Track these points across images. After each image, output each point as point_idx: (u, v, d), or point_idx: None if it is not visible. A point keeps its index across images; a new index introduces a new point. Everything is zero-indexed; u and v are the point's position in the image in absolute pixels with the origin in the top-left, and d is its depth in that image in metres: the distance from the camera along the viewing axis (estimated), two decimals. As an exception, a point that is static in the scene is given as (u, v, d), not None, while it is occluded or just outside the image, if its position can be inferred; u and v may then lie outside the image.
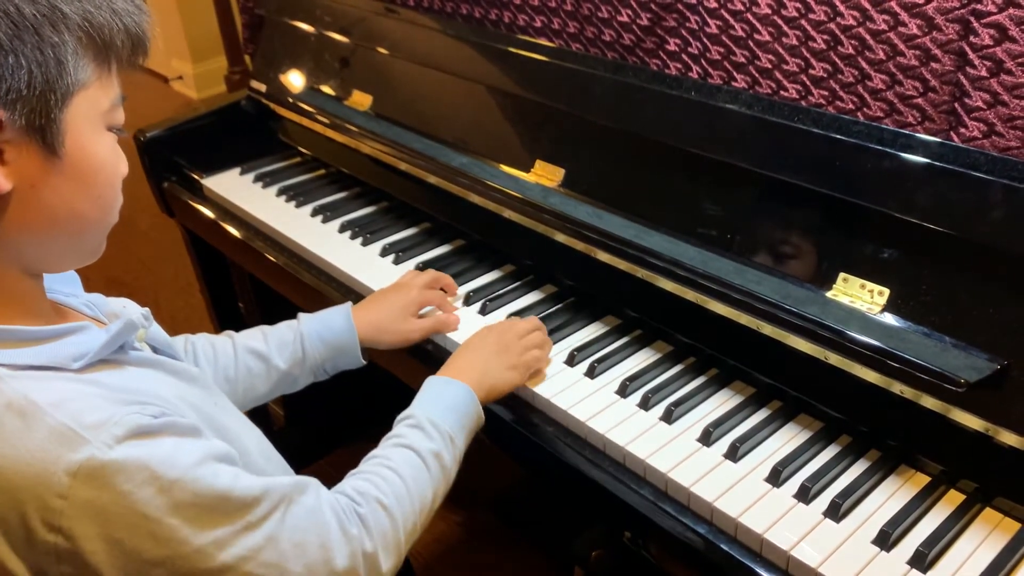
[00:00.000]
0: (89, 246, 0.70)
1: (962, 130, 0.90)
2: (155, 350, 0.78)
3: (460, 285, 1.19)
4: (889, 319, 0.84)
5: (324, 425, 1.84)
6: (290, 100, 1.52)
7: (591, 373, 1.01)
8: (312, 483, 0.74)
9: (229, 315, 1.76)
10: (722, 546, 0.82)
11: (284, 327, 1.03)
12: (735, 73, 1.07)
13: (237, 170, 1.54)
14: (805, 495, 0.84)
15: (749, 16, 1.02)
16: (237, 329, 1.04)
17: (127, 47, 0.66)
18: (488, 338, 1.00)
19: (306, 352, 1.01)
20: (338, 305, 1.06)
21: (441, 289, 1.14)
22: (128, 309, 0.79)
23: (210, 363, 0.98)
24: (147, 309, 0.78)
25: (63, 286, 0.75)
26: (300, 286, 1.29)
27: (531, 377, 1.00)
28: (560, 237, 1.10)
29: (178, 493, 0.63)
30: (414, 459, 0.82)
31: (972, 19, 0.85)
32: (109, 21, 0.64)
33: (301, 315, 1.05)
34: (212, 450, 0.67)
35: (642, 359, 1.03)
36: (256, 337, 1.02)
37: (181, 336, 0.99)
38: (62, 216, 0.65)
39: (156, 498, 0.62)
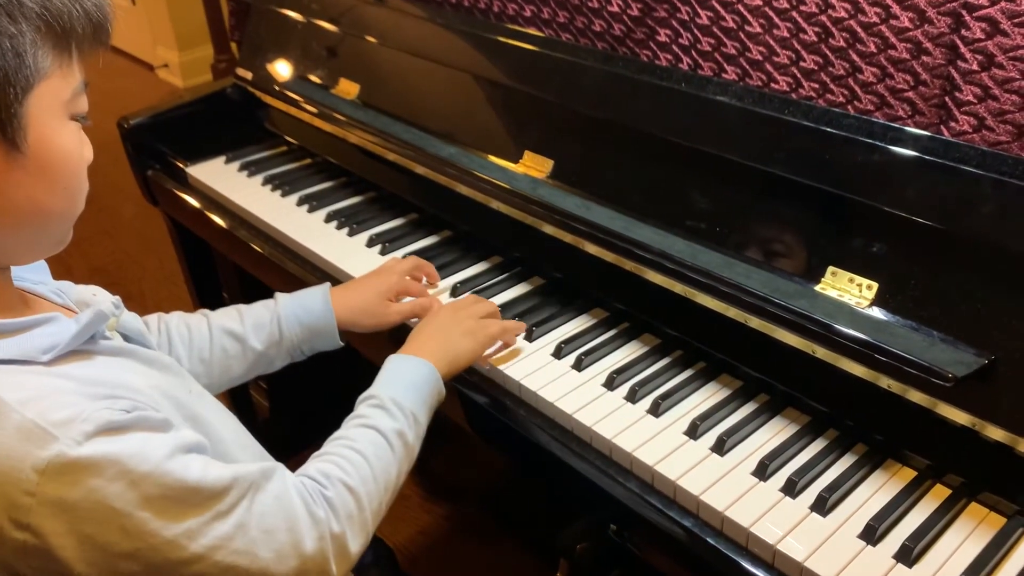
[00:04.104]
0: (55, 237, 0.69)
1: (952, 124, 0.89)
2: (126, 339, 0.77)
3: (447, 276, 1.18)
4: (877, 313, 0.84)
5: (308, 415, 1.83)
6: (276, 88, 1.50)
7: (578, 366, 1.00)
8: (278, 468, 0.74)
9: (214, 305, 1.73)
10: (708, 540, 0.82)
11: (261, 307, 1.02)
12: (725, 65, 1.06)
13: (222, 159, 1.53)
14: (792, 489, 0.83)
15: (740, 7, 1.02)
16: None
17: (88, 32, 0.64)
18: (447, 317, 1.00)
19: (283, 334, 1.00)
20: (316, 286, 1.05)
21: (423, 277, 1.14)
22: (98, 297, 0.77)
23: (184, 344, 0.97)
24: (118, 297, 0.77)
25: (31, 274, 0.74)
26: (285, 276, 1.28)
27: (518, 367, 1.00)
28: (548, 228, 1.09)
29: (148, 487, 0.62)
30: (378, 439, 0.82)
31: (964, 12, 0.84)
32: (68, 7, 0.61)
33: (278, 295, 1.04)
34: (182, 441, 0.66)
35: (629, 352, 1.03)
36: (232, 317, 1.00)
37: (154, 315, 0.98)
38: (27, 211, 0.63)
39: (126, 492, 0.61)
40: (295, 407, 1.80)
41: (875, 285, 0.84)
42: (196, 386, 0.82)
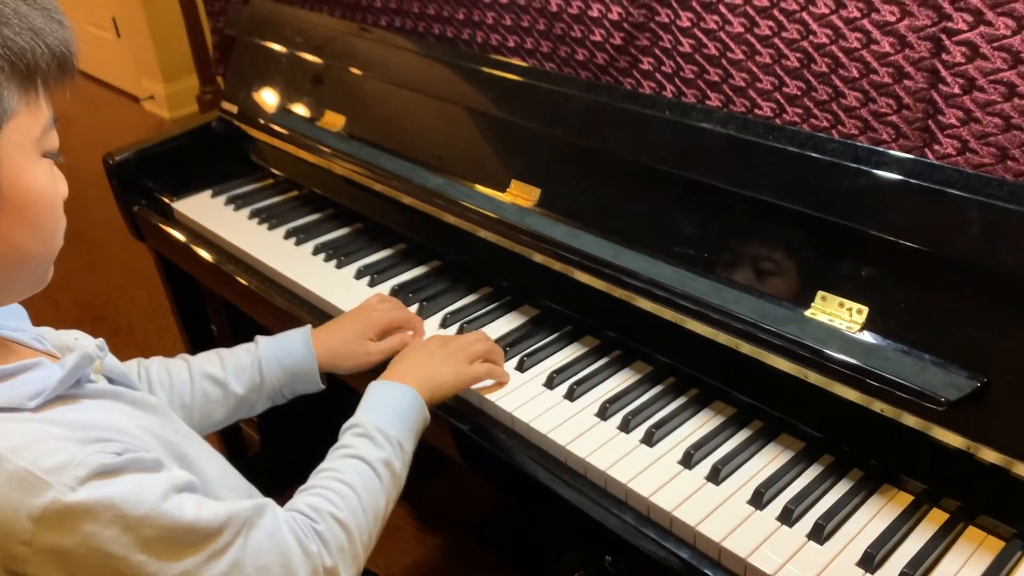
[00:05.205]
0: (35, 277, 0.68)
1: (936, 147, 0.90)
2: (111, 381, 0.76)
3: (437, 307, 1.18)
4: (868, 337, 0.84)
5: (299, 448, 1.81)
6: (262, 121, 1.50)
7: (570, 395, 0.99)
8: (269, 504, 0.73)
9: (202, 338, 1.73)
10: (705, 571, 0.81)
11: (242, 351, 1.01)
12: (709, 92, 1.07)
13: (208, 192, 1.52)
14: (788, 517, 0.83)
15: (722, 35, 1.02)
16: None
17: (53, 68, 0.63)
18: (432, 344, 1.00)
19: (264, 378, 0.99)
20: (297, 328, 1.04)
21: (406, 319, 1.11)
22: (81, 341, 0.76)
23: (165, 389, 0.96)
24: (101, 340, 0.76)
25: (9, 321, 0.73)
26: (273, 310, 1.27)
27: (510, 398, 0.99)
28: (537, 257, 1.09)
29: (144, 530, 0.62)
30: (365, 469, 0.82)
31: (944, 37, 0.85)
32: (31, 44, 0.60)
33: (259, 338, 1.03)
34: (175, 481, 0.66)
35: (621, 380, 1.02)
36: (213, 361, 0.99)
37: (134, 361, 0.97)
38: (4, 252, 0.63)
39: (122, 536, 0.61)
40: (286, 441, 1.78)
41: (865, 309, 0.84)
42: (182, 426, 0.82)
